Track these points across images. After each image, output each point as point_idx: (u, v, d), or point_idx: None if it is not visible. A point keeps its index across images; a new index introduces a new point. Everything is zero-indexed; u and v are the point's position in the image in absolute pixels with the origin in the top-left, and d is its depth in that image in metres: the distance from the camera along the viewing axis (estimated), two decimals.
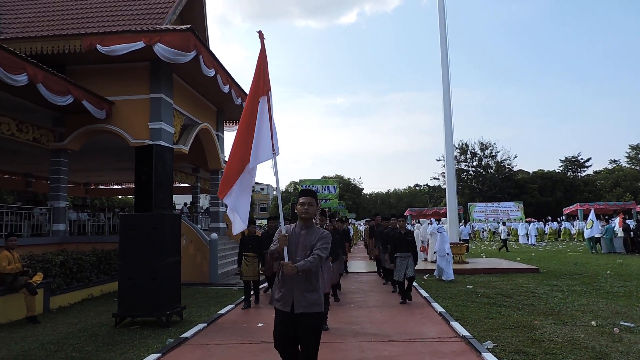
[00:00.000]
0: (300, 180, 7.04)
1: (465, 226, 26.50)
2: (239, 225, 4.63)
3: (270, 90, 4.76)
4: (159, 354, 5.73)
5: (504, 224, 28.02)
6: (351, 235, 23.37)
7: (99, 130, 13.62)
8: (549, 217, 43.56)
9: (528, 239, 30.40)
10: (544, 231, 37.11)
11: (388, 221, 11.94)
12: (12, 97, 11.38)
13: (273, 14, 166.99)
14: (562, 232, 36.32)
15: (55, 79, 10.96)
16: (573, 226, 36.74)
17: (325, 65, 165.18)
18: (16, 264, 8.37)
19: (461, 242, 16.54)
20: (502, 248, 24.21)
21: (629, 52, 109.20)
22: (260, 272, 9.61)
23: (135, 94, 13.47)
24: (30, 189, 23.72)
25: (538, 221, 41.67)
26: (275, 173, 4.60)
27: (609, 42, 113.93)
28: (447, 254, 12.44)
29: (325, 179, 12.39)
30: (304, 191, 4.00)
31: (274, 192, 75.10)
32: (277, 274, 3.97)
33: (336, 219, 13.99)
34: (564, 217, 44.63)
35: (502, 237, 25.62)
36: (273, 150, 4.53)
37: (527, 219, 43.76)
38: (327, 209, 11.02)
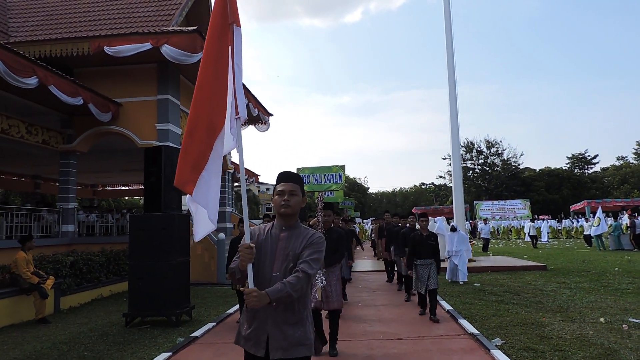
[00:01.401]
0: (297, 169, 5.24)
1: (486, 224, 25.38)
2: (205, 227, 2.97)
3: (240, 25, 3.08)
4: (170, 353, 5.80)
5: (485, 222, 26.93)
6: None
7: (107, 132, 13.73)
8: (562, 215, 43.35)
9: (534, 238, 29.37)
10: (558, 229, 36.76)
11: (406, 219, 10.54)
12: (22, 99, 11.51)
13: (278, 14, 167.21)
14: (573, 230, 36.06)
15: (64, 81, 11.08)
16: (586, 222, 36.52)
17: (331, 65, 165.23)
18: (30, 266, 8.53)
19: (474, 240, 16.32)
20: (485, 248, 22.55)
21: (636, 48, 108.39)
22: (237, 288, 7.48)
23: (142, 96, 13.58)
24: (39, 191, 23.92)
25: (552, 219, 41.44)
26: (239, 150, 2.93)
27: (617, 37, 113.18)
28: (466, 251, 12.09)
29: (328, 167, 8.32)
30: (284, 175, 2.77)
31: None
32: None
33: (341, 217, 12.47)
34: (579, 215, 44.26)
35: (482, 236, 24.61)
36: (237, 112, 2.89)
37: (541, 217, 43.54)
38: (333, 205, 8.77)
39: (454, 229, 12.52)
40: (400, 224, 10.60)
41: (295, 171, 5.79)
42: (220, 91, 2.92)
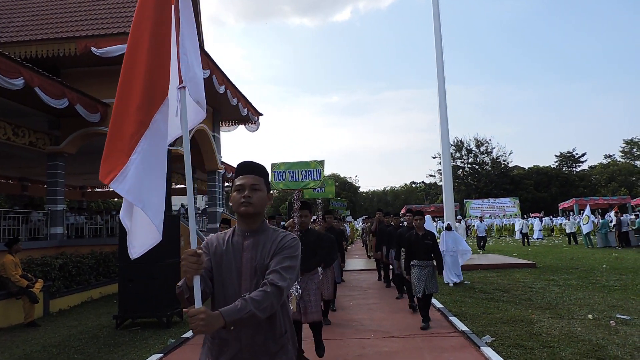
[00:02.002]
0: (272, 165, 4.48)
1: (481, 222, 24.47)
2: (146, 236, 2.19)
3: None
4: (161, 354, 5.77)
5: (481, 220, 26.14)
6: (348, 233, 23.07)
7: (95, 133, 13.61)
8: (552, 215, 43.84)
9: (526, 235, 28.84)
10: (554, 225, 37.04)
11: (397, 217, 10.06)
12: (7, 101, 11.37)
13: (266, 13, 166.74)
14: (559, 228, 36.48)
15: (51, 82, 10.96)
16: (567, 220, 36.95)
17: (320, 64, 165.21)
18: (19, 269, 8.45)
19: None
20: (482, 246, 22.57)
21: (623, 48, 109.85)
22: None
23: None
24: (26, 193, 23.65)
25: (546, 216, 41.78)
26: (184, 130, 2.18)
27: (603, 38, 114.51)
28: (464, 252, 11.65)
29: (306, 162, 6.01)
30: (244, 166, 2.20)
31: (276, 192, 74.59)
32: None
33: (334, 217, 11.25)
34: (568, 213, 44.66)
35: (478, 234, 23.92)
36: (180, 81, 2.22)
37: (534, 214, 43.88)
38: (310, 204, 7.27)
39: (449, 228, 12.26)
40: (392, 223, 10.05)
41: (269, 167, 5.43)
42: (161, 59, 2.19)
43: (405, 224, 8.71)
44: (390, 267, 10.38)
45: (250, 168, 2.18)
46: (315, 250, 5.35)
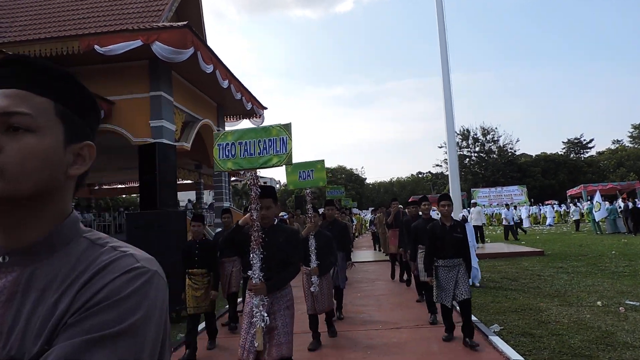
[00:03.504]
0: (215, 135, 4.08)
1: (508, 209, 22.78)
2: None
3: None
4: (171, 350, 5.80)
5: (507, 207, 26.35)
6: (354, 226, 22.42)
7: (101, 131, 13.65)
8: (567, 201, 43.59)
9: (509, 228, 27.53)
10: (567, 211, 36.74)
11: (415, 207, 8.24)
12: None
13: (268, 5, 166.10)
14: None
15: None
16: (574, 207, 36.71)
17: (323, 56, 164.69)
18: None
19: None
20: (514, 234, 22.17)
21: (631, 32, 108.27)
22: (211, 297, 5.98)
23: (135, 93, 13.50)
24: None
25: (559, 204, 41.48)
26: None
27: (611, 21, 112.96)
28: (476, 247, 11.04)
29: (265, 128, 3.97)
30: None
31: (278, 185, 74.40)
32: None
33: (336, 209, 8.90)
34: (581, 199, 44.20)
35: (504, 223, 23.13)
36: None
37: (548, 202, 43.61)
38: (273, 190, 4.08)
39: (464, 220, 11.51)
40: (407, 213, 8.79)
41: (213, 139, 3.82)
42: None
43: (422, 214, 7.33)
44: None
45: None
46: (287, 257, 3.74)
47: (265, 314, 3.51)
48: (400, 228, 9.29)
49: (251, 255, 3.56)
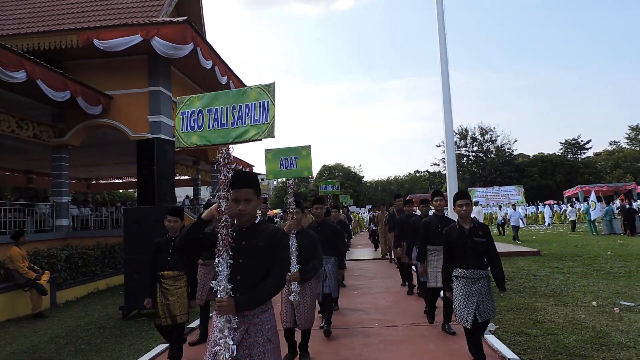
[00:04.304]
0: (179, 102, 3.03)
1: (515, 210, 22.40)
2: None
3: None
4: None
5: (514, 207, 25.33)
6: (352, 224, 22.37)
7: (99, 125, 13.63)
8: (565, 201, 43.69)
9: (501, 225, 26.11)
10: (564, 210, 36.83)
11: (426, 205, 7.19)
12: (11, 94, 11.38)
13: (268, 0, 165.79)
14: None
15: (53, 74, 10.96)
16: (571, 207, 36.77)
17: (323, 53, 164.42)
18: (25, 261, 8.54)
19: None
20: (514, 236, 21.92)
21: (628, 34, 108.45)
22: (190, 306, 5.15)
23: (133, 88, 13.47)
24: (31, 186, 23.78)
25: (558, 204, 41.54)
26: None
27: (608, 24, 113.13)
28: None
29: (241, 90, 2.86)
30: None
31: (275, 182, 74.44)
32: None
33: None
34: (578, 200, 44.25)
35: (512, 224, 22.71)
36: None
37: (546, 202, 43.71)
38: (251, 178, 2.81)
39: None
40: (418, 212, 7.84)
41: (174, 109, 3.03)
42: None
43: (435, 210, 6.32)
44: (414, 268, 8.12)
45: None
46: (268, 264, 2.70)
47: (232, 342, 2.52)
48: (399, 225, 8.48)
49: (216, 260, 2.59)
